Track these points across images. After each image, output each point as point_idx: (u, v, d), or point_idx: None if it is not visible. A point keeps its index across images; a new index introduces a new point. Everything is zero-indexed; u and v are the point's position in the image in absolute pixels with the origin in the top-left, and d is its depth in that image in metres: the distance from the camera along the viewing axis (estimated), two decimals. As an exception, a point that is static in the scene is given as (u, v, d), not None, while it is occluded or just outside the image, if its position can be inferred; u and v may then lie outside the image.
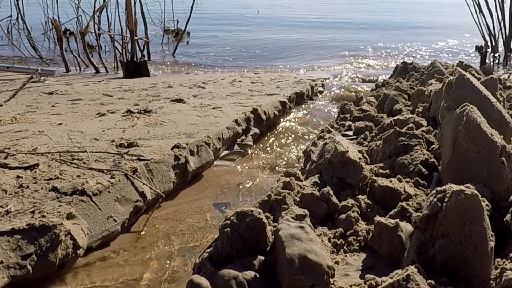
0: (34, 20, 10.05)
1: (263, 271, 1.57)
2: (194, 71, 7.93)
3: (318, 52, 9.86)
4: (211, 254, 1.67)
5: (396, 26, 14.85)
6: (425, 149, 2.55)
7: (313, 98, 5.84)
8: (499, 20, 8.35)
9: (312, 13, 19.34)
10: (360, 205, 2.08)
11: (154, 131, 3.53)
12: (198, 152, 3.24)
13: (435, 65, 4.67)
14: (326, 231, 1.94)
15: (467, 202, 1.44)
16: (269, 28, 13.82)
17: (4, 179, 2.50)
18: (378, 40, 11.62)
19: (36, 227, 2.02)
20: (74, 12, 8.33)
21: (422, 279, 1.35)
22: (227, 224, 1.66)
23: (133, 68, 6.96)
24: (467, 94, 2.46)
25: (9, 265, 1.89)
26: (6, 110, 4.26)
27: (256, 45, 10.58)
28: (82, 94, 5.16)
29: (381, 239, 1.76)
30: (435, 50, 10.30)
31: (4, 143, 3.12)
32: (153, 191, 2.72)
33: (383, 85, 5.29)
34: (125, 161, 2.80)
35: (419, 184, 2.26)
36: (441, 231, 1.47)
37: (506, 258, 1.52)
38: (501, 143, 1.91)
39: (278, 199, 2.03)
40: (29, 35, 8.91)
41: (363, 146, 3.03)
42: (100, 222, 2.33)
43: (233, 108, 4.37)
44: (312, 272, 1.45)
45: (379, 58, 9.27)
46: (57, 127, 3.64)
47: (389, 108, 3.81)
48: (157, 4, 10.24)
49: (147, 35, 8.46)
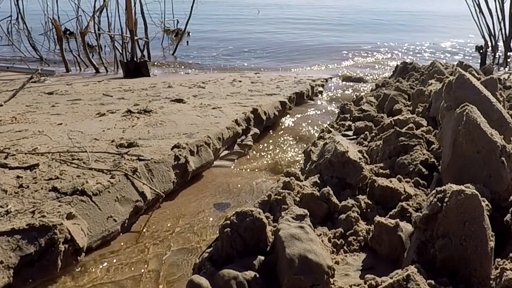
0: (34, 20, 10.05)
1: (263, 271, 1.57)
2: (194, 71, 7.93)
3: (318, 52, 9.85)
4: (211, 254, 1.67)
5: (396, 26, 14.85)
6: (425, 149, 2.55)
7: (313, 98, 5.84)
8: (499, 20, 8.35)
9: (314, 13, 19.35)
10: (360, 205, 2.08)
11: (154, 131, 3.53)
12: (198, 152, 3.24)
13: (435, 65, 4.67)
14: (326, 231, 1.94)
15: (467, 202, 1.44)
16: (269, 28, 13.82)
17: (4, 179, 2.50)
18: (378, 40, 11.62)
19: (36, 227, 2.02)
20: (74, 12, 8.33)
21: (422, 279, 1.35)
22: (227, 224, 1.66)
23: (133, 68, 6.96)
24: (467, 94, 2.46)
25: (9, 265, 1.89)
26: (6, 110, 4.26)
27: (256, 45, 10.58)
28: (82, 94, 5.16)
29: (381, 239, 1.76)
30: (435, 50, 10.30)
31: (4, 143, 3.12)
32: (153, 191, 2.72)
33: (383, 85, 5.29)
34: (125, 161, 2.80)
35: (419, 184, 2.26)
36: (441, 231, 1.47)
37: (506, 258, 1.52)
38: (501, 143, 1.91)
39: (278, 199, 2.03)
40: (29, 35, 8.90)
41: (363, 146, 3.03)
42: (100, 222, 2.33)
43: (233, 108, 4.37)
44: (312, 272, 1.45)
45: (379, 58, 9.27)
46: (57, 127, 3.64)
47: (389, 108, 3.81)
48: (157, 4, 10.25)
49: (147, 35, 8.46)
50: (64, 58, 7.55)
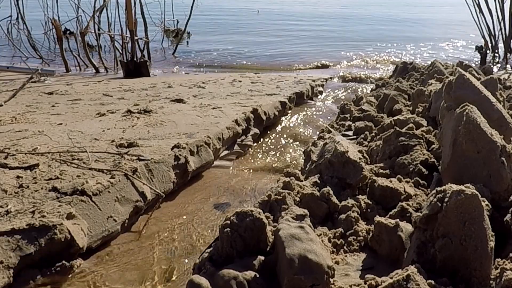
0: (34, 20, 10.05)
1: (263, 271, 1.57)
2: (194, 71, 7.93)
3: (318, 52, 9.85)
4: (211, 254, 1.67)
5: (397, 26, 14.84)
6: (425, 149, 2.55)
7: (313, 98, 5.84)
8: (499, 20, 8.35)
9: (314, 12, 19.35)
10: (360, 205, 2.08)
11: (154, 131, 3.53)
12: (198, 152, 3.24)
13: (435, 65, 4.68)
14: (326, 231, 1.94)
15: (467, 202, 1.44)
16: (270, 28, 13.81)
17: (4, 179, 2.50)
18: (378, 40, 11.61)
19: (36, 227, 2.02)
20: (74, 12, 8.34)
21: (422, 279, 1.35)
22: (227, 224, 1.66)
23: (133, 68, 6.96)
24: (467, 94, 2.46)
25: (9, 265, 1.89)
26: (6, 110, 4.26)
27: (256, 45, 10.58)
28: (82, 94, 5.16)
29: (381, 239, 1.76)
30: (435, 50, 10.30)
31: (4, 143, 3.12)
32: (153, 191, 2.72)
33: (383, 85, 5.29)
34: (125, 161, 2.80)
35: (419, 184, 2.26)
36: (441, 231, 1.47)
37: (506, 258, 1.52)
38: (501, 143, 1.91)
39: (278, 199, 2.03)
40: (29, 35, 8.91)
41: (363, 146, 3.04)
42: (100, 222, 2.33)
43: (233, 108, 4.37)
44: (312, 272, 1.45)
45: (379, 58, 9.26)
46: (57, 127, 3.64)
47: (389, 108, 3.81)
48: (157, 4, 10.25)
49: (147, 35, 8.46)
50: (64, 58, 7.55)
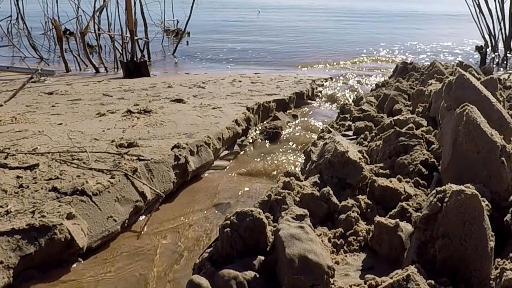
0: (34, 20, 10.05)
1: (263, 271, 1.57)
2: (194, 71, 7.93)
3: (318, 52, 9.85)
4: (211, 254, 1.67)
5: (397, 26, 14.85)
6: (425, 149, 2.55)
7: (313, 98, 5.84)
8: (499, 20, 8.35)
9: (313, 12, 19.35)
10: (360, 205, 2.08)
11: (154, 131, 3.53)
12: (198, 152, 3.24)
13: (435, 65, 4.67)
14: (326, 231, 1.94)
15: (467, 202, 1.44)
16: (269, 28, 13.81)
17: (4, 179, 2.50)
18: (378, 40, 11.61)
19: (36, 227, 2.02)
20: (74, 12, 8.34)
21: (422, 279, 1.35)
22: (227, 224, 1.66)
23: (133, 68, 6.96)
24: (467, 94, 2.46)
25: (9, 265, 1.89)
26: (6, 110, 4.26)
27: (256, 45, 10.58)
28: (82, 94, 5.16)
29: (381, 239, 1.75)
30: (435, 50, 10.30)
31: (4, 143, 3.12)
32: (153, 191, 2.72)
33: (383, 85, 5.29)
34: (125, 161, 2.80)
35: (419, 184, 2.26)
36: (441, 231, 1.47)
37: (506, 258, 1.52)
38: (501, 143, 1.91)
39: (278, 199, 2.03)
40: (29, 35, 8.90)
41: (363, 146, 3.03)
42: (100, 222, 2.33)
43: (233, 108, 4.37)
44: (312, 272, 1.45)
45: (378, 58, 9.26)
46: (57, 127, 3.64)
47: (389, 108, 3.81)
48: (157, 4, 10.24)
49: (147, 35, 8.46)
50: (64, 58, 7.55)
